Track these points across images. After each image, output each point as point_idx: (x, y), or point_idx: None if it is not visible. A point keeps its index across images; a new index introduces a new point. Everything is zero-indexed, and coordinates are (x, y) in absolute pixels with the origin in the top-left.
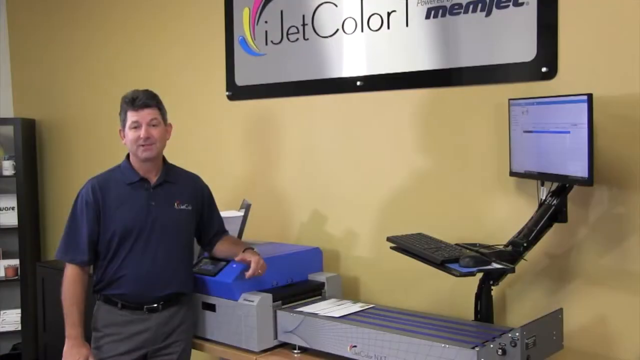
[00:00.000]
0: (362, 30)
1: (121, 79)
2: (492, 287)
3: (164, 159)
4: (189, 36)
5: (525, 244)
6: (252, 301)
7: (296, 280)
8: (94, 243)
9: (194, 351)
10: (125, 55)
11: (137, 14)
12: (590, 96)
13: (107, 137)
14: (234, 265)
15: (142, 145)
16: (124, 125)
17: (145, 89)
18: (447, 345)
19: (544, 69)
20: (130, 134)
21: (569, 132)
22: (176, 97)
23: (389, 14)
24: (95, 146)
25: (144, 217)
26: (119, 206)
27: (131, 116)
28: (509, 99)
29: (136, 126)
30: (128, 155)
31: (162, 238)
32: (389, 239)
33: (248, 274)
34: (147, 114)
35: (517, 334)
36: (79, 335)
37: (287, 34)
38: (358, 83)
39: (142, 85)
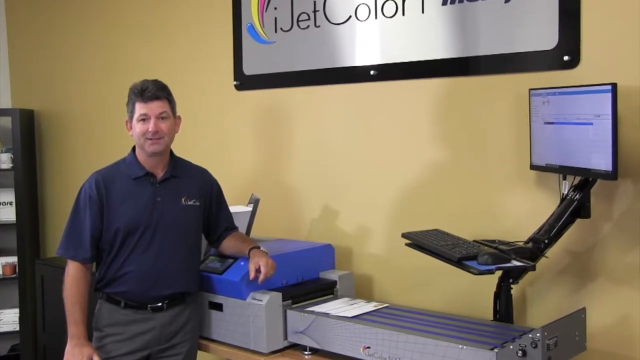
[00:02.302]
0: (375, 17)
1: (124, 68)
2: (512, 286)
3: (171, 152)
4: (195, 23)
5: (546, 241)
6: (261, 300)
7: (307, 279)
8: (97, 239)
9: (199, 352)
10: (128, 44)
11: (140, 0)
12: (614, 86)
13: (109, 128)
14: (242, 263)
15: (150, 139)
16: (131, 117)
17: (155, 79)
18: (465, 347)
19: (566, 58)
20: (137, 127)
21: (592, 123)
22: (181, 88)
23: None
24: (97, 138)
25: (149, 213)
26: (123, 201)
27: (140, 108)
28: (530, 89)
29: (144, 119)
30: (134, 148)
31: (168, 235)
32: (404, 235)
33: (260, 278)
34: (156, 107)
35: (537, 334)
36: (82, 334)
37: (298, 20)
38: (372, 72)
39: (146, 75)
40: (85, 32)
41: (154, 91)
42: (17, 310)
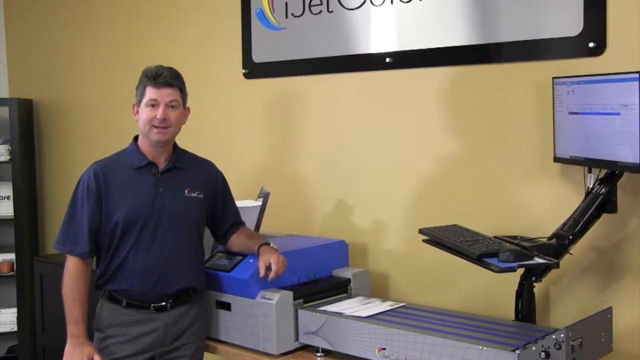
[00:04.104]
0: (391, 2)
1: (127, 56)
2: (535, 284)
3: (174, 144)
4: (201, 9)
5: (570, 237)
6: (271, 299)
7: (319, 277)
8: (96, 233)
9: (206, 354)
10: (131, 30)
11: None
12: None
13: (112, 119)
14: (251, 260)
15: (156, 127)
16: (139, 101)
17: (170, 67)
18: (485, 348)
19: (591, 45)
20: (145, 112)
21: (618, 113)
22: (188, 76)
23: None
24: (99, 129)
25: (150, 204)
26: (124, 192)
27: (150, 93)
28: (553, 78)
29: (153, 104)
30: (136, 138)
31: (170, 228)
32: (421, 231)
33: (270, 276)
34: (167, 94)
35: (561, 335)
36: (82, 333)
37: (310, 6)
38: (387, 60)
39: (150, 62)
40: (86, 19)
41: (168, 78)
42: (15, 310)
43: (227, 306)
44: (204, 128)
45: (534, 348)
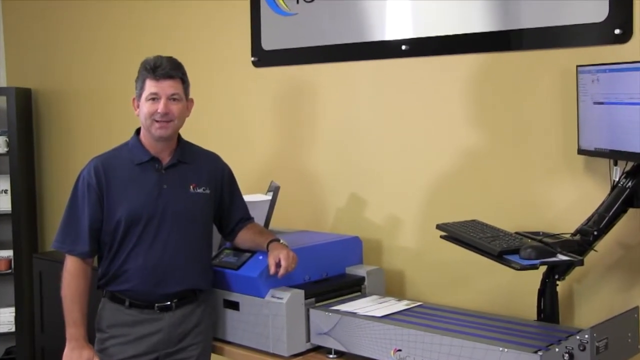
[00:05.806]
0: None
1: (130, 43)
2: (558, 282)
3: (179, 136)
4: None
5: (595, 233)
6: (281, 298)
7: (332, 275)
8: (97, 231)
9: (213, 356)
10: (135, 15)
11: None
12: None
13: (114, 109)
14: (260, 257)
15: (158, 121)
16: (139, 95)
17: (170, 57)
18: (506, 349)
19: (617, 31)
20: (145, 106)
21: None
22: (194, 64)
23: None
24: (101, 119)
25: (154, 202)
26: (126, 189)
27: (150, 86)
28: (577, 66)
29: (154, 98)
30: (138, 131)
31: (175, 226)
32: (438, 227)
33: (280, 272)
34: (168, 87)
35: (586, 336)
36: (81, 335)
37: None
38: (403, 47)
39: (153, 50)
40: (87, 4)
41: (168, 69)
42: (13, 310)
43: (235, 305)
44: (211, 119)
45: (557, 349)
